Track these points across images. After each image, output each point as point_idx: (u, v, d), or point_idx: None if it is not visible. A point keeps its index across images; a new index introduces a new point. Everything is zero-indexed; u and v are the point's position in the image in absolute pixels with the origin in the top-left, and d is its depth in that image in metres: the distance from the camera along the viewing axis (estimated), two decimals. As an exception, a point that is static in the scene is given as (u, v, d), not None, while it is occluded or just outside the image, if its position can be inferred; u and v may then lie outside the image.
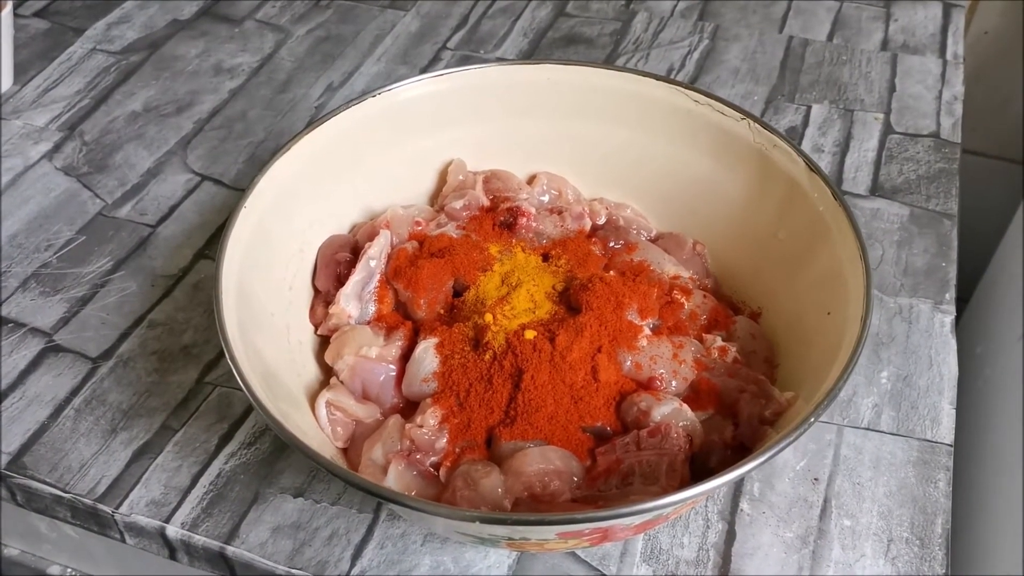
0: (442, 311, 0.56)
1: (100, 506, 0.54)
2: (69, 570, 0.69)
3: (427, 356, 0.52)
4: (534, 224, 0.60)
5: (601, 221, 0.62)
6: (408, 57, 0.86)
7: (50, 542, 0.67)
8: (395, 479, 0.48)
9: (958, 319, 0.65)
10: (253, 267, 0.53)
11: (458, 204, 0.60)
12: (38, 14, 0.92)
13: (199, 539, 0.53)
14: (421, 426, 0.50)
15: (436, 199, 0.64)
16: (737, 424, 0.50)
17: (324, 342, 0.56)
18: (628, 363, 0.51)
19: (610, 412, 0.50)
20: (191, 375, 0.60)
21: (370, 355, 0.53)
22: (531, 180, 0.64)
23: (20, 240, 0.69)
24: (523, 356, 0.51)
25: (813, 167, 0.55)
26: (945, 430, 0.58)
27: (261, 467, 0.56)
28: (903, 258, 0.67)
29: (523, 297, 0.54)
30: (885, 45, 0.87)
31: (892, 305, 0.64)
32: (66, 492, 0.55)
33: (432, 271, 0.56)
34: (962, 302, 0.72)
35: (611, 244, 0.60)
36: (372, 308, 0.57)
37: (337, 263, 0.57)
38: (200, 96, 0.82)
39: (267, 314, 0.53)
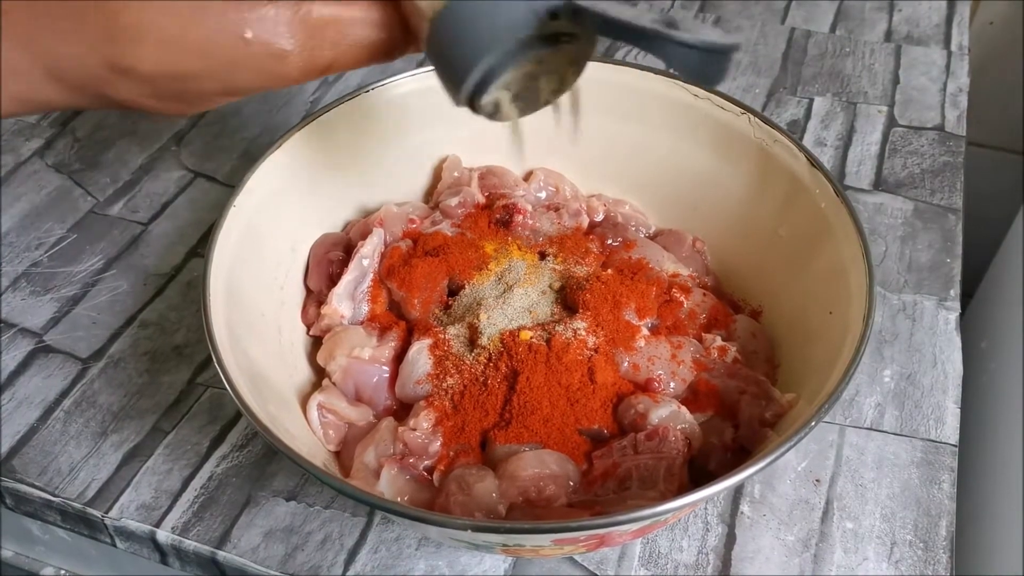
0: (437, 311, 0.55)
1: (90, 510, 0.53)
2: (63, 572, 0.69)
3: (421, 358, 0.51)
4: (530, 221, 0.59)
5: (599, 218, 0.61)
6: (404, 50, 0.85)
7: (43, 544, 0.67)
8: (388, 483, 0.47)
9: (962, 314, 0.63)
10: (243, 266, 0.52)
11: (453, 201, 0.59)
12: (30, 8, 0.90)
13: (190, 544, 0.52)
14: (414, 429, 0.49)
15: (431, 196, 0.63)
16: (737, 426, 0.49)
17: (316, 343, 0.56)
18: (625, 364, 0.50)
19: (607, 414, 0.49)
20: (183, 376, 0.59)
21: (363, 356, 0.52)
22: (528, 176, 0.63)
23: (11, 238, 0.68)
24: (518, 357, 0.50)
25: (815, 162, 0.54)
26: (950, 430, 0.57)
27: (253, 470, 0.55)
28: (907, 254, 0.66)
29: (519, 296, 0.53)
30: (889, 36, 0.85)
31: (896, 302, 0.63)
32: (55, 496, 0.54)
33: (426, 270, 0.55)
34: (967, 296, 0.71)
35: (609, 241, 0.59)
36: (365, 308, 0.56)
37: (329, 262, 0.56)
38: (194, 91, 0.81)
39: (258, 314, 0.52)
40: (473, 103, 0.39)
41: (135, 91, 0.39)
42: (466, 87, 0.38)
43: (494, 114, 0.41)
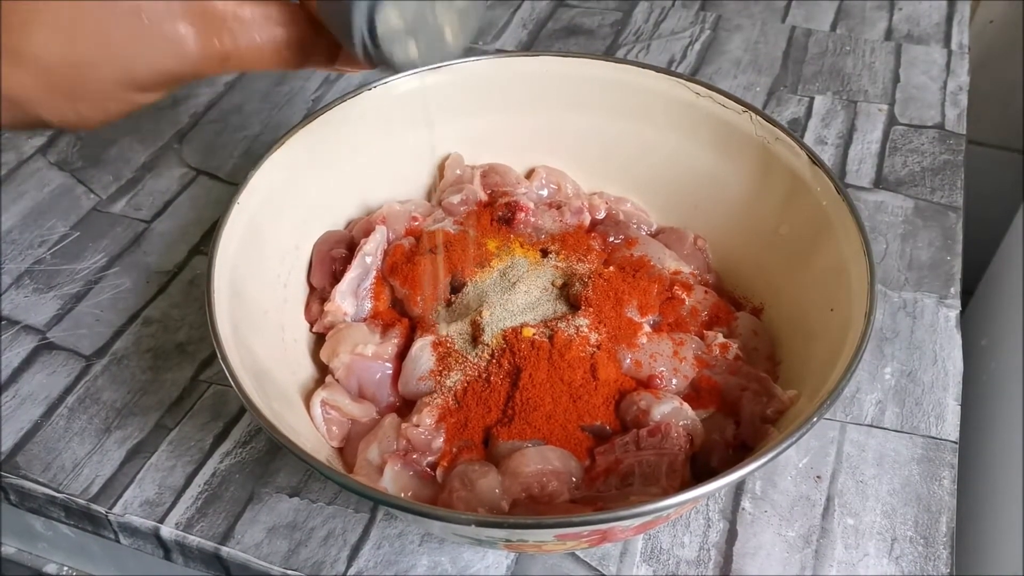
0: (439, 308, 0.55)
1: (94, 506, 0.53)
2: (66, 568, 0.69)
3: (423, 354, 0.51)
4: (532, 219, 0.59)
5: (601, 216, 0.61)
6: (406, 49, 0.85)
7: (46, 540, 0.67)
8: (391, 480, 0.47)
9: (963, 311, 0.64)
10: (246, 264, 0.52)
11: (455, 199, 0.59)
12: (32, 6, 0.91)
13: (194, 540, 0.52)
14: (417, 425, 0.49)
15: (433, 194, 0.63)
16: (739, 423, 0.49)
17: (319, 340, 0.56)
18: (628, 361, 0.51)
19: (609, 411, 0.49)
20: (186, 373, 0.60)
21: (366, 353, 0.52)
22: (530, 174, 0.63)
23: (14, 236, 0.68)
24: (521, 354, 0.50)
25: (816, 160, 0.54)
26: (950, 427, 0.57)
27: (256, 466, 0.55)
28: (907, 252, 0.67)
29: (521, 294, 0.54)
30: (889, 35, 0.85)
31: (896, 299, 0.64)
32: (59, 492, 0.54)
33: (429, 267, 0.55)
34: (967, 294, 0.71)
35: (611, 239, 0.59)
36: (368, 305, 0.56)
37: (332, 259, 0.57)
38: (196, 89, 0.81)
39: (261, 312, 0.52)
40: (373, 42, 0.40)
41: (28, 83, 0.38)
42: (357, 20, 0.38)
43: (395, 56, 0.41)
